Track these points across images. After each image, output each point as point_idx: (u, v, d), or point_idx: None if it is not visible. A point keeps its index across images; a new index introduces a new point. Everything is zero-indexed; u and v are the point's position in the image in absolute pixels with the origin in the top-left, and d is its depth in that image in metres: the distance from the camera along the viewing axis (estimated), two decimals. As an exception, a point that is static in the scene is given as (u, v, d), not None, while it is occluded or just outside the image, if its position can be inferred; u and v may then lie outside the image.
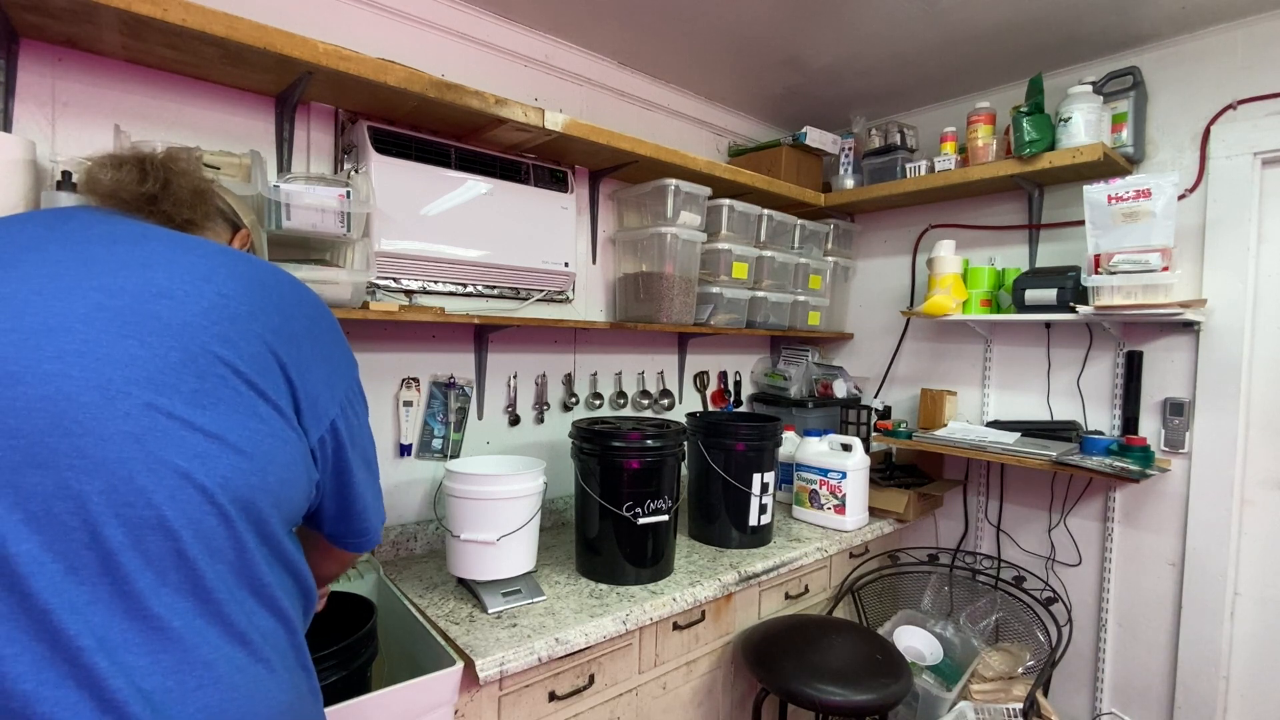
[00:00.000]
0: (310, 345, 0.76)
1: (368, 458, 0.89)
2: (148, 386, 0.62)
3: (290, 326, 0.74)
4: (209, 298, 0.68)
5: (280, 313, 0.74)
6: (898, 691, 1.53)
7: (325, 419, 0.77)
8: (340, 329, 0.86)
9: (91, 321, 0.62)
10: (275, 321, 0.73)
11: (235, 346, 0.68)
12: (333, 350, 0.81)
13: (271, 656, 0.67)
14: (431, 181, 1.68)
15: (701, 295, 2.19)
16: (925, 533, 2.53)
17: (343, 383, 0.81)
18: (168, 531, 0.60)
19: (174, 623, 0.60)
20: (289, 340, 0.73)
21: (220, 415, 0.65)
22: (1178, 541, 1.96)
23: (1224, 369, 1.86)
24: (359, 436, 0.85)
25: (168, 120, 1.40)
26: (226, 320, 0.68)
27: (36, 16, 1.16)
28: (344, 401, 0.81)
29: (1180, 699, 1.93)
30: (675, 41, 2.06)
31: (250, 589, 0.67)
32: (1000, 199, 2.33)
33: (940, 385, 2.46)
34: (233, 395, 0.67)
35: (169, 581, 0.60)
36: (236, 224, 0.99)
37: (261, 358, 0.70)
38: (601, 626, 1.40)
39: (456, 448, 1.87)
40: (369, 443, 0.89)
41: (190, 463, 0.62)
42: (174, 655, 0.59)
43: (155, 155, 0.84)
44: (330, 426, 0.78)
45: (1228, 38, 1.86)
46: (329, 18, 1.62)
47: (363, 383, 0.88)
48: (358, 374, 0.87)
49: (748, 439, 1.89)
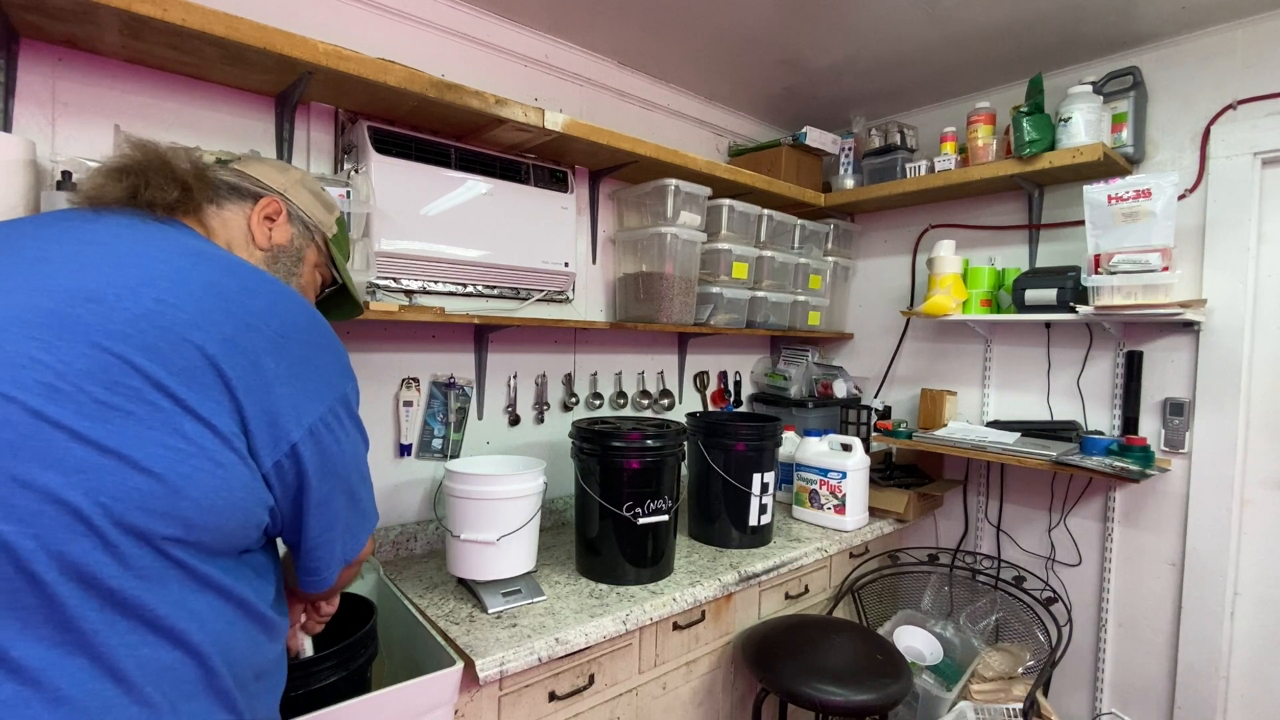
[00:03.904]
0: (274, 361, 0.70)
1: (351, 489, 0.80)
2: (39, 393, 0.58)
3: (247, 339, 0.68)
4: (143, 304, 0.64)
5: (236, 323, 0.68)
6: (898, 691, 1.53)
7: (284, 442, 0.70)
8: (333, 347, 0.79)
9: (9, 325, 0.60)
10: (226, 332, 0.67)
11: (162, 357, 0.63)
12: (309, 368, 0.74)
13: (156, 696, 0.60)
14: (431, 181, 1.68)
15: (701, 295, 2.19)
16: (925, 533, 2.53)
17: (318, 404, 0.74)
18: (9, 553, 0.55)
19: (11, 653, 0.54)
20: (242, 354, 0.67)
21: (124, 430, 0.60)
22: (1178, 541, 1.96)
23: (1224, 369, 1.86)
24: (338, 464, 0.77)
25: (168, 120, 1.40)
26: (157, 329, 0.64)
27: (36, 16, 1.16)
28: (317, 425, 0.73)
29: (1180, 699, 1.93)
30: (675, 41, 2.06)
31: (139, 619, 0.60)
32: (1000, 199, 2.33)
33: (940, 385, 2.46)
34: (148, 410, 0.62)
35: (17, 606, 0.55)
36: (257, 194, 0.94)
37: (197, 371, 0.64)
38: (601, 626, 1.40)
39: (456, 448, 1.87)
40: (354, 472, 0.81)
41: (66, 478, 0.57)
42: (15, 689, 0.54)
43: (136, 156, 0.81)
44: (290, 451, 0.71)
45: (1228, 38, 1.86)
46: (329, 18, 1.62)
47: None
48: (350, 396, 0.80)
49: (748, 439, 1.89)
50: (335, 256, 1.07)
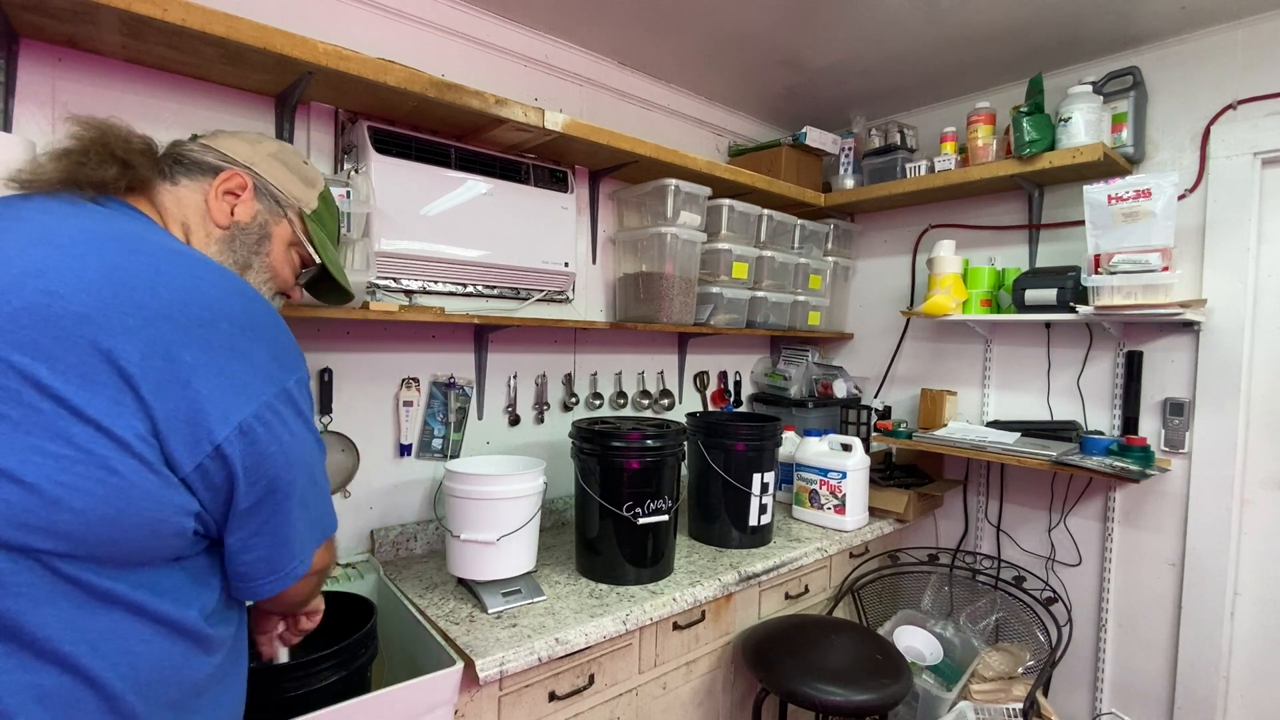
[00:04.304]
0: (192, 352, 0.63)
1: (298, 493, 0.73)
2: None
3: (156, 330, 0.62)
4: (27, 297, 0.58)
5: (142, 313, 0.62)
6: (898, 691, 1.53)
7: (206, 442, 0.63)
8: (271, 335, 0.71)
9: None
10: (128, 324, 0.60)
11: (46, 355, 0.57)
12: (238, 360, 0.67)
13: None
14: (431, 181, 1.68)
15: (701, 295, 2.19)
16: (925, 533, 2.53)
17: (250, 400, 0.66)
18: None
19: None
20: (148, 346, 0.61)
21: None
22: (1178, 541, 1.96)
23: (1224, 369, 1.86)
24: (278, 465, 0.69)
25: (168, 120, 1.40)
26: (41, 324, 0.58)
27: (36, 16, 1.16)
28: (250, 422, 0.66)
29: (1180, 699, 1.93)
30: (675, 41, 2.06)
31: (16, 642, 0.55)
32: (1000, 199, 2.33)
33: (940, 385, 2.46)
34: (24, 414, 0.56)
35: None
36: (219, 168, 0.87)
37: (89, 369, 0.58)
38: (601, 626, 1.40)
39: (456, 448, 1.87)
40: (301, 475, 0.73)
41: None
42: None
43: (80, 133, 0.76)
44: (215, 452, 0.64)
45: (1228, 38, 1.86)
46: (329, 18, 1.62)
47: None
48: (294, 390, 0.72)
49: (748, 439, 1.89)
50: (314, 234, 0.98)
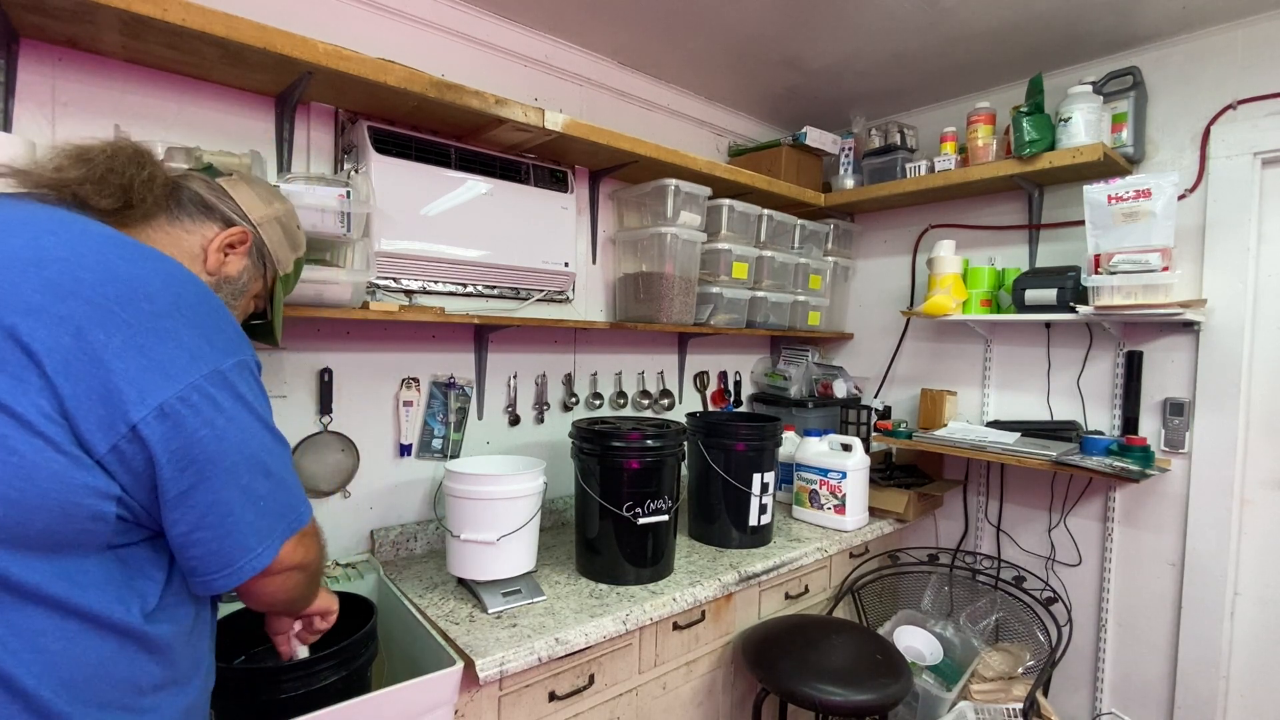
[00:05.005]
0: (107, 332, 0.62)
1: (239, 480, 0.70)
2: None
3: (65, 308, 0.61)
4: None
5: (52, 290, 0.61)
6: (898, 692, 1.53)
7: (121, 423, 0.62)
8: (204, 317, 0.70)
9: None
10: (33, 301, 0.60)
11: None
12: (163, 339, 0.65)
13: None
14: (431, 181, 1.68)
15: (701, 295, 2.19)
16: (925, 533, 2.53)
17: (174, 380, 0.65)
18: None
19: None
20: (57, 324, 0.60)
21: None
22: (1178, 541, 1.96)
23: (1224, 369, 1.86)
24: (210, 450, 0.67)
25: (168, 120, 1.40)
26: None
27: (36, 16, 1.16)
28: (173, 404, 0.64)
29: (1180, 699, 1.93)
30: (675, 41, 2.06)
31: None
32: (1000, 199, 2.33)
33: (940, 385, 2.46)
34: None
35: None
36: (230, 220, 0.89)
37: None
38: (601, 626, 1.40)
39: (456, 448, 1.87)
40: (242, 462, 0.70)
41: None
42: None
43: (104, 147, 0.78)
44: (130, 433, 0.62)
45: (1228, 38, 1.86)
46: (329, 18, 1.62)
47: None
48: (231, 374, 0.70)
49: (748, 439, 1.89)
50: (276, 295, 1.02)
